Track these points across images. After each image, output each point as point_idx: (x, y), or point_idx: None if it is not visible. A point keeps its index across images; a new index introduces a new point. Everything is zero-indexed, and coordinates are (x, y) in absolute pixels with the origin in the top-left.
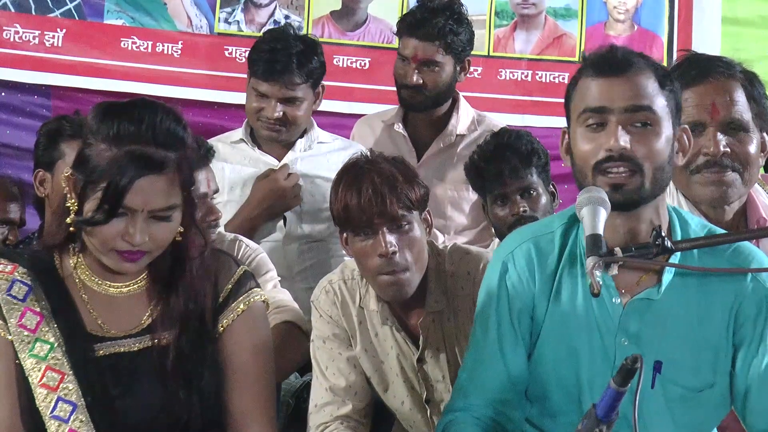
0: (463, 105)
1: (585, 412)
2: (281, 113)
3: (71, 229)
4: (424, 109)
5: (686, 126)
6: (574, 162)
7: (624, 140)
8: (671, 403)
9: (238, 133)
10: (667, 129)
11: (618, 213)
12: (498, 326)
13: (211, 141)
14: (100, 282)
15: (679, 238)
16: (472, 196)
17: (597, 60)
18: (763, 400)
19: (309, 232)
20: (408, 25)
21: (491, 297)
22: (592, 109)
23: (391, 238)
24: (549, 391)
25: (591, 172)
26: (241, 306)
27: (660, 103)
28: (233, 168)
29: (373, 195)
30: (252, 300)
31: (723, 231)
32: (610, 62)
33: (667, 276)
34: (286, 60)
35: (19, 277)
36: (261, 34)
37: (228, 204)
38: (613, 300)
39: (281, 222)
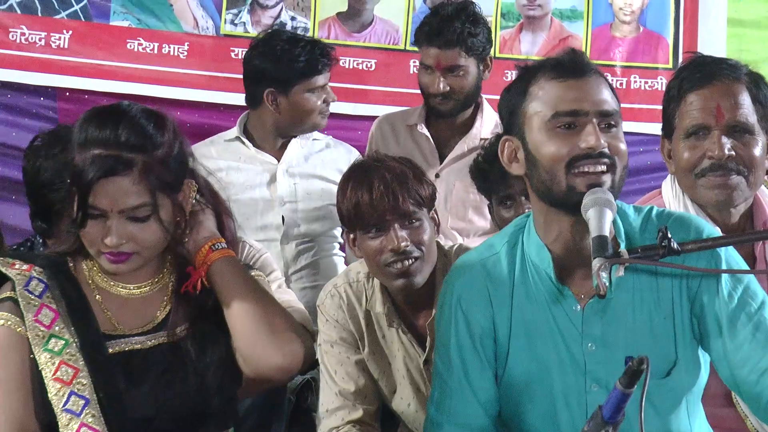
0: (487, 108)
1: (561, 426)
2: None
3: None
4: (454, 114)
5: None
6: (538, 166)
7: (603, 138)
8: (648, 395)
9: (233, 132)
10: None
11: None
12: (460, 355)
13: (204, 141)
14: (113, 284)
15: (621, 230)
16: None
17: (561, 62)
18: (738, 344)
19: (305, 231)
20: (426, 34)
21: (449, 326)
22: (568, 112)
23: (403, 233)
24: (523, 411)
25: (564, 171)
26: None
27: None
28: (228, 167)
29: (384, 191)
30: (256, 274)
31: (658, 209)
32: (572, 65)
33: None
34: None
35: (36, 275)
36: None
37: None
38: (573, 308)
39: (279, 220)
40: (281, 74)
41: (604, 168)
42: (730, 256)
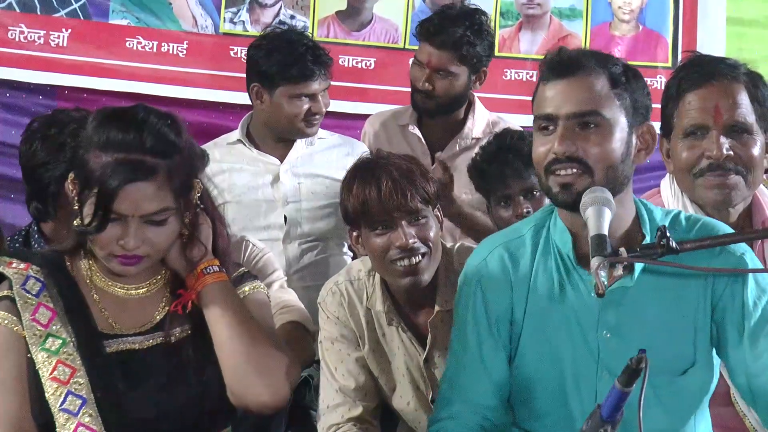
0: (479, 108)
1: (571, 410)
2: None
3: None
4: (434, 115)
5: (650, 124)
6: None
7: (565, 145)
8: (658, 390)
9: (235, 134)
10: (619, 129)
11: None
12: (476, 334)
13: (208, 144)
14: (111, 284)
15: (647, 229)
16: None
17: (547, 63)
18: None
19: (309, 230)
20: (426, 31)
21: (467, 305)
22: (542, 116)
23: (410, 230)
24: (533, 393)
25: (543, 173)
26: (246, 288)
27: (610, 104)
28: (231, 169)
29: (393, 188)
30: (255, 286)
31: (686, 214)
32: (556, 66)
33: (639, 263)
34: None
35: (33, 274)
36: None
37: (227, 205)
38: (592, 294)
39: (282, 220)
40: (268, 71)
41: (572, 171)
42: (759, 273)
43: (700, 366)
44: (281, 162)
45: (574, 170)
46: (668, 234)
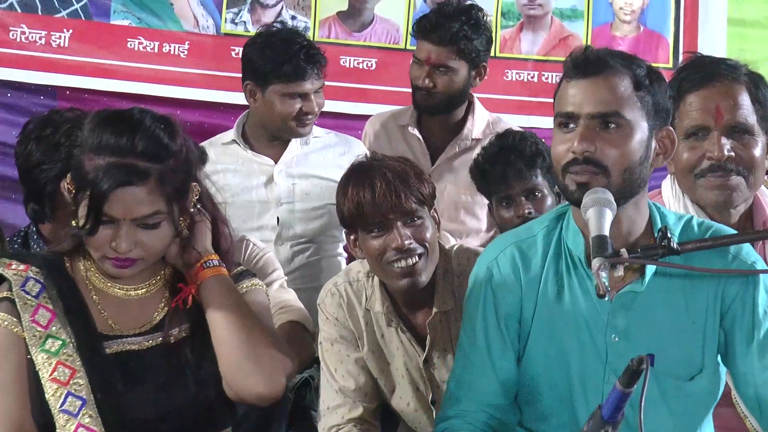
0: (479, 109)
1: (577, 412)
2: None
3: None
4: (436, 113)
5: (670, 128)
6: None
7: (585, 144)
8: (665, 394)
9: (230, 134)
10: (639, 131)
11: None
12: (485, 332)
13: (203, 144)
14: (110, 285)
15: (659, 228)
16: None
17: (572, 61)
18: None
19: (301, 232)
20: (423, 28)
21: (477, 303)
22: (563, 113)
23: (406, 231)
24: (540, 394)
25: (561, 172)
26: (244, 285)
27: (632, 106)
28: (225, 170)
29: (386, 189)
30: (254, 284)
31: (698, 219)
32: (581, 64)
33: (650, 267)
34: None
35: (32, 275)
36: None
37: (220, 206)
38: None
39: (275, 222)
40: (261, 69)
41: (590, 172)
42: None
43: (708, 372)
44: (276, 162)
45: (590, 171)
46: (669, 234)
